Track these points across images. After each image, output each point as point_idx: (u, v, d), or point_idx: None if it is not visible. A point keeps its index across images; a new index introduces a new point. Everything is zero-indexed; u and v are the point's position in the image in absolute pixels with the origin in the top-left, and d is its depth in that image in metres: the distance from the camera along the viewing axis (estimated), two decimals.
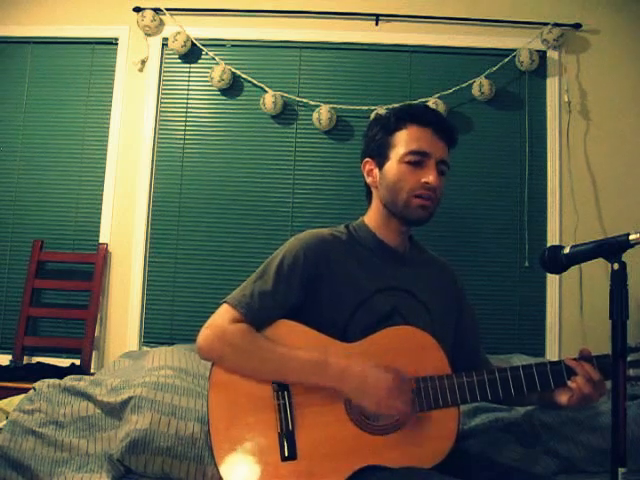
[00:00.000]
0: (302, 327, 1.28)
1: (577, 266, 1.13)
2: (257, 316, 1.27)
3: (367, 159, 1.41)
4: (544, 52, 2.77)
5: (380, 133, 1.37)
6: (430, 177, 1.30)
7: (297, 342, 1.26)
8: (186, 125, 2.80)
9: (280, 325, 1.29)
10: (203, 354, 1.28)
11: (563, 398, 1.25)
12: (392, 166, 1.34)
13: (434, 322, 1.35)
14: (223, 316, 1.28)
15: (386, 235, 1.39)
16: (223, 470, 1.19)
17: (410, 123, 1.34)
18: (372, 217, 1.41)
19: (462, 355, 1.38)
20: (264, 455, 1.19)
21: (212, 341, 1.26)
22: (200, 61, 2.82)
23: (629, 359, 1.19)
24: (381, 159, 1.37)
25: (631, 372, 1.20)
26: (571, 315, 2.65)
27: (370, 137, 1.41)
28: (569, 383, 1.20)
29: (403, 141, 1.33)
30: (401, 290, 1.34)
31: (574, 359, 1.22)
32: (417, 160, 1.31)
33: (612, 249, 0.99)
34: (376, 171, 1.39)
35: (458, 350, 1.38)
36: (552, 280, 2.65)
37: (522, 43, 2.73)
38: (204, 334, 1.27)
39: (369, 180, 1.41)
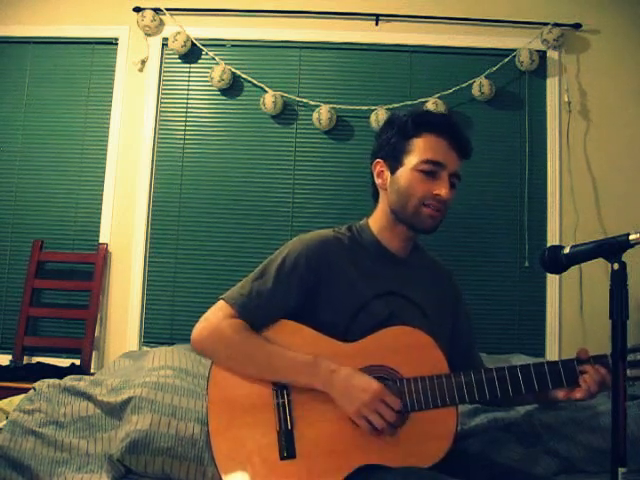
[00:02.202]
0: (302, 327, 1.28)
1: (577, 266, 1.13)
2: (252, 315, 1.28)
3: (379, 160, 1.39)
4: (544, 52, 2.77)
5: (396, 137, 1.35)
6: (442, 190, 1.29)
7: (297, 342, 1.26)
8: (186, 125, 2.80)
9: (281, 325, 1.29)
10: (197, 348, 1.29)
11: (561, 394, 1.26)
12: (405, 172, 1.32)
13: (432, 325, 1.34)
14: (218, 312, 1.29)
15: (389, 240, 1.38)
16: (222, 469, 1.19)
17: (427, 131, 1.32)
18: (377, 219, 1.41)
19: (456, 356, 1.38)
20: (263, 454, 1.19)
21: (205, 336, 1.27)
22: (200, 61, 2.82)
23: (627, 359, 1.19)
24: (394, 163, 1.35)
25: (629, 372, 1.20)
26: (571, 315, 2.65)
27: (384, 139, 1.38)
28: (580, 382, 1.20)
29: (419, 149, 1.32)
30: (399, 295, 1.34)
31: (587, 360, 1.22)
32: (431, 170, 1.30)
33: (612, 249, 0.99)
34: (387, 174, 1.37)
35: (452, 351, 1.38)
36: (552, 280, 2.65)
37: (522, 43, 2.73)
38: (198, 329, 1.29)
39: (378, 181, 1.40)
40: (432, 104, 2.65)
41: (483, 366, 1.45)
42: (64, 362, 2.58)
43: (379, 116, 2.64)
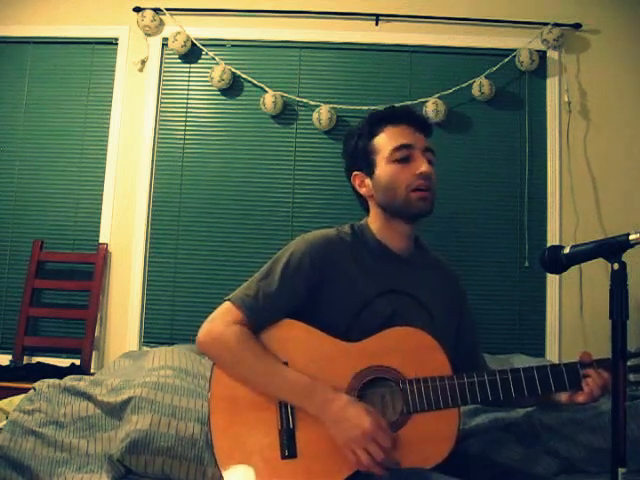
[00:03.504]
0: (306, 326, 1.28)
1: (577, 266, 1.13)
2: (259, 316, 1.28)
3: (355, 173, 1.42)
4: (544, 52, 2.76)
5: (360, 142, 1.39)
6: (423, 166, 1.32)
7: (300, 341, 1.26)
8: (186, 125, 2.80)
9: (284, 324, 1.29)
10: (201, 350, 1.30)
11: (563, 397, 1.26)
12: (382, 169, 1.35)
13: (435, 324, 1.34)
14: (224, 315, 1.29)
15: (389, 238, 1.39)
16: (223, 467, 1.19)
17: (385, 125, 1.36)
18: (374, 221, 1.41)
19: (460, 357, 1.38)
20: (264, 453, 1.19)
21: (210, 341, 1.27)
22: (200, 61, 2.82)
23: (629, 364, 1.19)
24: (369, 167, 1.38)
25: (631, 377, 1.20)
26: (571, 315, 2.65)
27: (351, 151, 1.42)
28: (583, 385, 1.21)
29: (384, 143, 1.35)
30: (402, 293, 1.34)
31: (590, 364, 1.23)
32: (404, 155, 1.33)
33: (612, 249, 0.99)
34: (367, 180, 1.39)
35: (456, 352, 1.38)
36: (552, 280, 2.65)
37: (522, 43, 2.73)
38: (204, 330, 1.29)
39: (363, 191, 1.41)
40: (432, 104, 2.65)
41: (486, 367, 1.45)
42: (64, 362, 2.58)
43: None
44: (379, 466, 1.13)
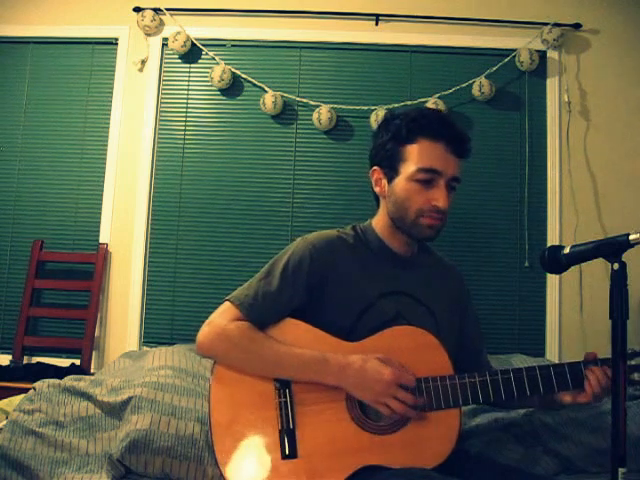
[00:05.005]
0: (307, 326, 1.28)
1: (577, 266, 1.13)
2: (259, 316, 1.28)
3: (375, 168, 1.38)
4: (544, 52, 2.76)
5: (390, 143, 1.32)
6: (439, 201, 1.27)
7: (301, 340, 1.26)
8: (186, 125, 2.80)
9: (285, 324, 1.29)
10: (203, 351, 1.29)
11: (566, 397, 1.26)
12: (401, 182, 1.31)
13: (438, 325, 1.34)
14: (224, 314, 1.29)
15: (392, 242, 1.38)
16: (222, 466, 1.19)
17: (422, 136, 1.29)
18: (379, 222, 1.40)
19: (464, 357, 1.38)
20: (265, 453, 1.19)
21: (212, 339, 1.27)
22: (200, 61, 2.82)
23: (633, 363, 1.20)
24: (390, 171, 1.33)
25: (636, 376, 1.20)
26: (571, 315, 2.65)
27: (380, 144, 1.36)
28: (586, 385, 1.21)
29: (414, 157, 1.29)
30: (405, 294, 1.34)
31: (593, 362, 1.23)
32: (427, 178, 1.27)
33: (612, 249, 0.99)
34: (384, 182, 1.36)
35: (460, 352, 1.38)
36: (552, 280, 2.65)
37: (522, 43, 2.73)
38: (204, 331, 1.28)
39: (377, 189, 1.39)
40: (432, 104, 2.65)
41: (490, 366, 1.45)
42: (64, 362, 2.58)
43: (379, 116, 2.63)
44: (413, 409, 1.18)
